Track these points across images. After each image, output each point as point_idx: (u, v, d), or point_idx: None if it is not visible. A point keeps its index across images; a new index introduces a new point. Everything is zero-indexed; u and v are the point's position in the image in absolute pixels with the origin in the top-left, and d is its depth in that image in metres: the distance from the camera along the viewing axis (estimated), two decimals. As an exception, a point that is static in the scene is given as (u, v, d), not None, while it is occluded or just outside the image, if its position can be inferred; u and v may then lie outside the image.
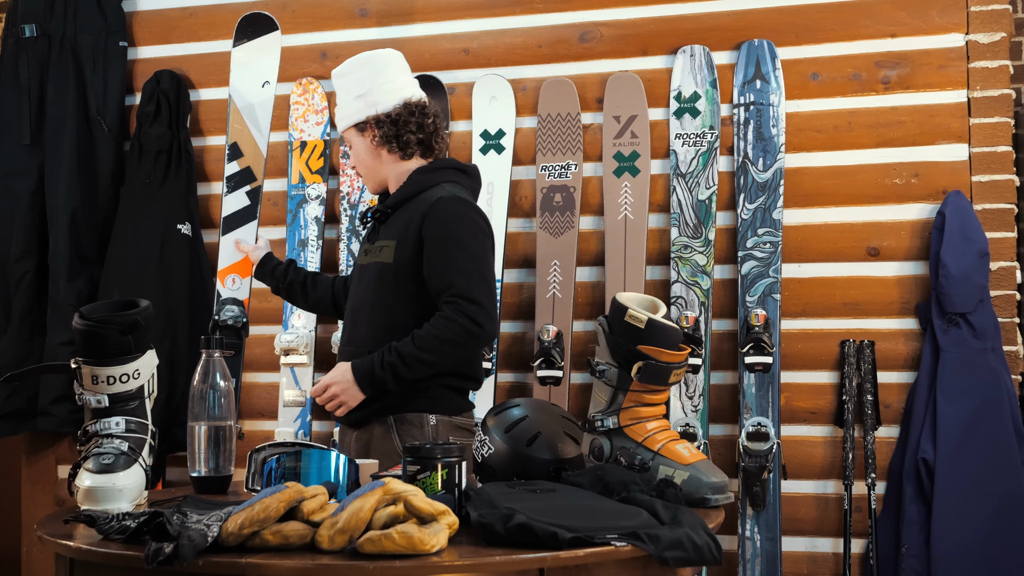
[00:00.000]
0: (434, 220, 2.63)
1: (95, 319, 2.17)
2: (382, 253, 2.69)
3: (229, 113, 3.81)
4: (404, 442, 2.64)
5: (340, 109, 2.82)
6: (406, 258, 2.65)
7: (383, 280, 2.68)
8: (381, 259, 2.69)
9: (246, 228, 3.73)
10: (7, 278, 3.87)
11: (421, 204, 2.68)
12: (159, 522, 1.76)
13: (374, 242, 2.75)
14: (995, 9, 3.33)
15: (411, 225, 2.66)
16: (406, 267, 2.65)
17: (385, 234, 2.72)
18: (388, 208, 2.74)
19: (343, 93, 2.82)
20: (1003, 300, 3.28)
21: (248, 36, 3.81)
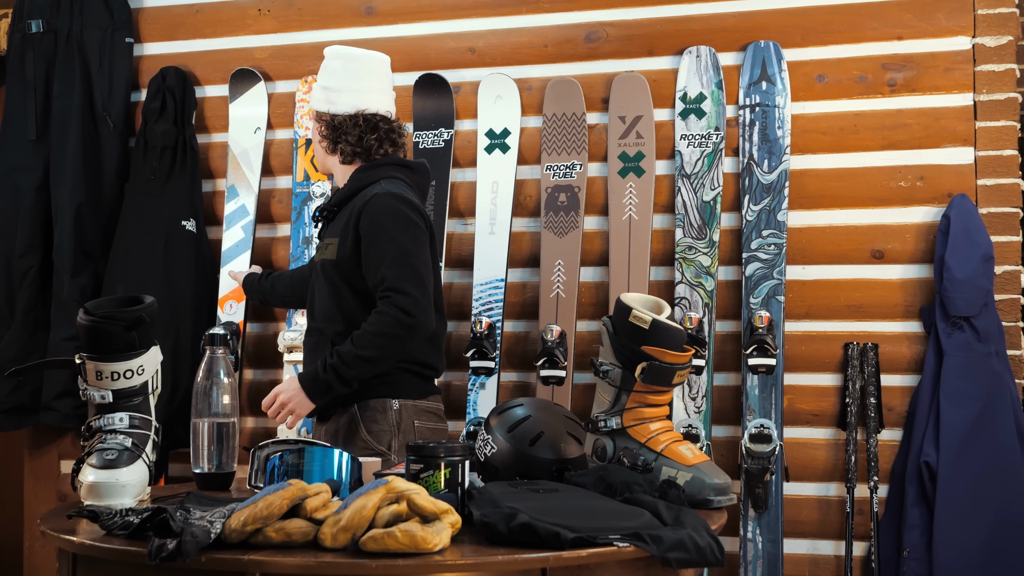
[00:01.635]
0: (367, 217, 2.73)
1: (99, 315, 2.18)
2: (327, 250, 2.81)
3: (228, 159, 3.86)
4: (369, 429, 2.70)
5: (314, 88, 2.99)
6: (346, 255, 2.75)
7: (328, 276, 2.79)
8: (326, 256, 2.80)
9: (240, 259, 3.77)
10: (11, 273, 3.87)
11: (358, 202, 2.78)
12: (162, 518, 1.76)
13: (322, 239, 2.88)
14: (1002, 12, 3.32)
15: (349, 223, 2.76)
16: (347, 263, 2.75)
17: (330, 232, 2.85)
18: (333, 207, 2.86)
19: (320, 75, 2.98)
20: (1007, 304, 3.28)
21: (240, 91, 3.88)
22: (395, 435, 2.75)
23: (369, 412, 2.74)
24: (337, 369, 2.66)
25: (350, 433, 2.74)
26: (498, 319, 3.52)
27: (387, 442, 2.74)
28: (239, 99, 3.89)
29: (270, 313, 3.85)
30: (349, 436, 2.73)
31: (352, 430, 2.74)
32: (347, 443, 2.70)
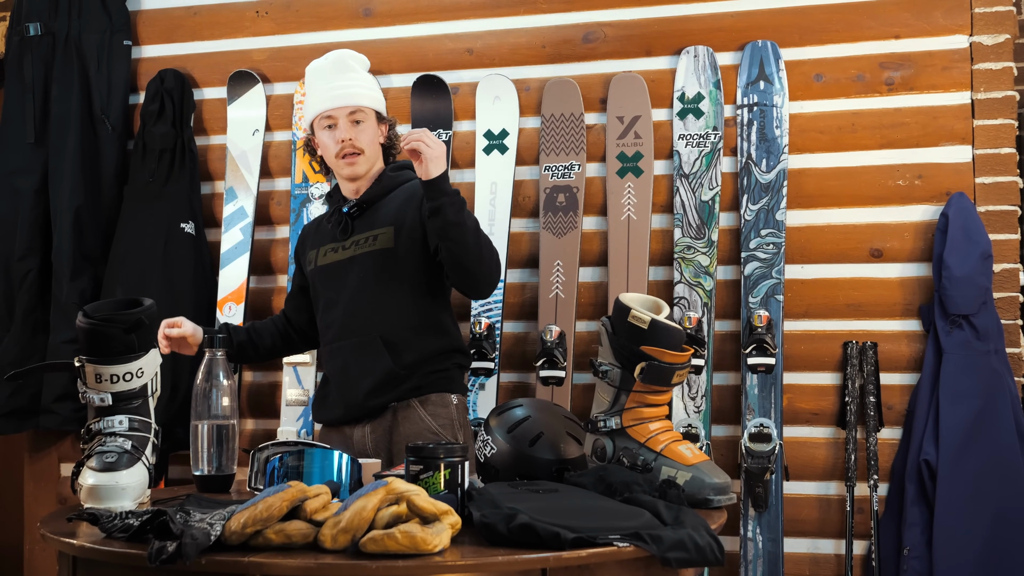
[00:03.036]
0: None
1: (99, 318, 2.18)
2: (377, 241, 2.78)
3: (227, 161, 3.86)
4: (436, 420, 2.70)
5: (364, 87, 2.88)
6: (408, 235, 2.75)
7: (386, 265, 2.76)
8: (378, 247, 2.77)
9: (239, 260, 3.77)
10: (10, 276, 3.87)
11: (409, 190, 2.81)
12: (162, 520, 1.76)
13: (351, 236, 2.83)
14: (999, 11, 3.32)
15: (407, 207, 2.77)
16: (410, 243, 2.75)
17: (369, 226, 2.81)
18: (365, 204, 2.84)
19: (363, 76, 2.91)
20: (1006, 302, 3.28)
21: (238, 93, 3.88)
22: (458, 429, 2.77)
23: (431, 406, 2.74)
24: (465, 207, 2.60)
25: (412, 425, 2.72)
26: (497, 320, 3.53)
27: (452, 435, 2.75)
28: (237, 101, 3.89)
29: (270, 315, 3.83)
30: (411, 428, 2.72)
31: (414, 423, 2.72)
32: (411, 435, 2.69)
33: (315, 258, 2.91)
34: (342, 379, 2.80)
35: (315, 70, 2.92)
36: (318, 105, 2.86)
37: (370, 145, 2.85)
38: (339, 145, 2.81)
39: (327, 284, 2.86)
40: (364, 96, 2.86)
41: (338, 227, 2.86)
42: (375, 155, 2.88)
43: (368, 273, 2.77)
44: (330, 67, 2.89)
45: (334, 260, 2.85)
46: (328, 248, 2.88)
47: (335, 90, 2.84)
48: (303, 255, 2.98)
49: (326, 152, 2.88)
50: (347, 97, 2.83)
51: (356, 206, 2.84)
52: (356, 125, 2.83)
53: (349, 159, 2.82)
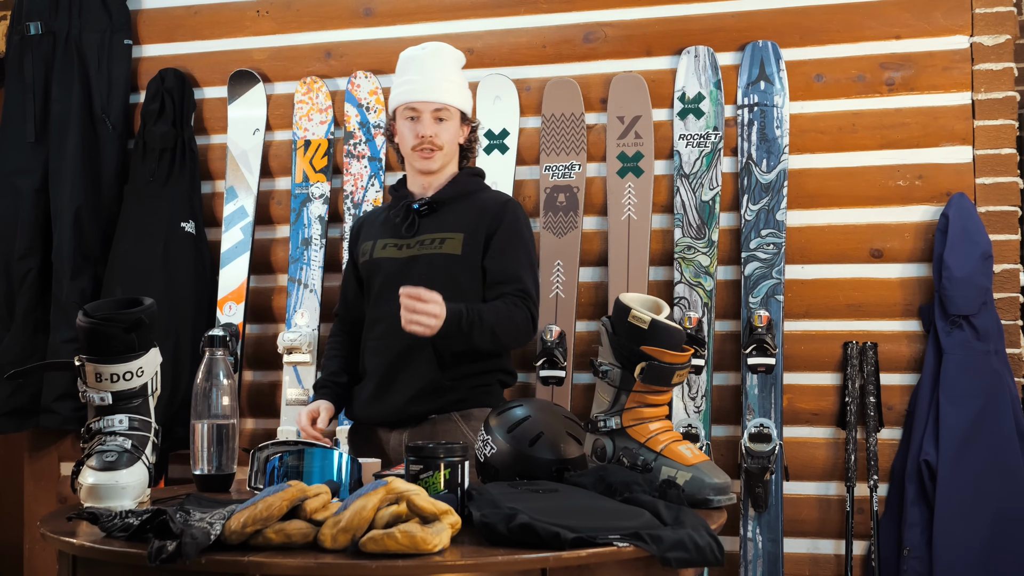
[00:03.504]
0: (507, 218, 2.75)
1: (99, 317, 2.18)
2: (444, 245, 2.73)
3: (227, 161, 3.86)
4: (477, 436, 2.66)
5: (454, 84, 2.82)
6: (475, 250, 2.72)
7: (450, 272, 2.71)
8: (444, 251, 2.72)
9: (240, 260, 3.76)
10: (11, 276, 3.88)
11: (483, 203, 2.78)
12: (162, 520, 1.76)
13: (415, 235, 2.76)
14: (1000, 11, 3.32)
15: (479, 220, 2.73)
16: (474, 258, 2.71)
17: (437, 227, 2.75)
18: (435, 203, 2.78)
19: (456, 73, 2.86)
20: (1006, 302, 3.28)
21: (239, 92, 3.88)
22: None
23: (474, 422, 2.67)
24: (473, 328, 2.58)
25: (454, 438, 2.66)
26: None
27: None
28: (238, 100, 3.89)
29: (269, 315, 3.85)
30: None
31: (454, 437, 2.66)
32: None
33: (371, 249, 2.82)
34: (385, 380, 2.73)
35: (408, 59, 2.85)
36: (404, 95, 2.79)
37: (449, 144, 2.79)
38: (418, 139, 2.75)
39: (382, 278, 2.77)
40: (452, 94, 2.79)
41: (404, 222, 2.79)
42: (452, 153, 2.82)
43: (430, 275, 2.69)
44: (424, 58, 2.82)
45: (395, 256, 2.77)
46: (389, 242, 2.80)
47: (424, 83, 2.78)
48: (357, 246, 2.90)
49: (403, 142, 2.81)
50: (435, 92, 2.77)
51: (427, 204, 2.78)
52: (439, 123, 2.77)
53: (425, 153, 2.76)
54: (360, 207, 3.71)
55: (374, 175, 3.73)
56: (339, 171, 3.81)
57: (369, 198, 3.71)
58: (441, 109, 2.77)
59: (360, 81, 3.76)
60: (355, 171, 3.75)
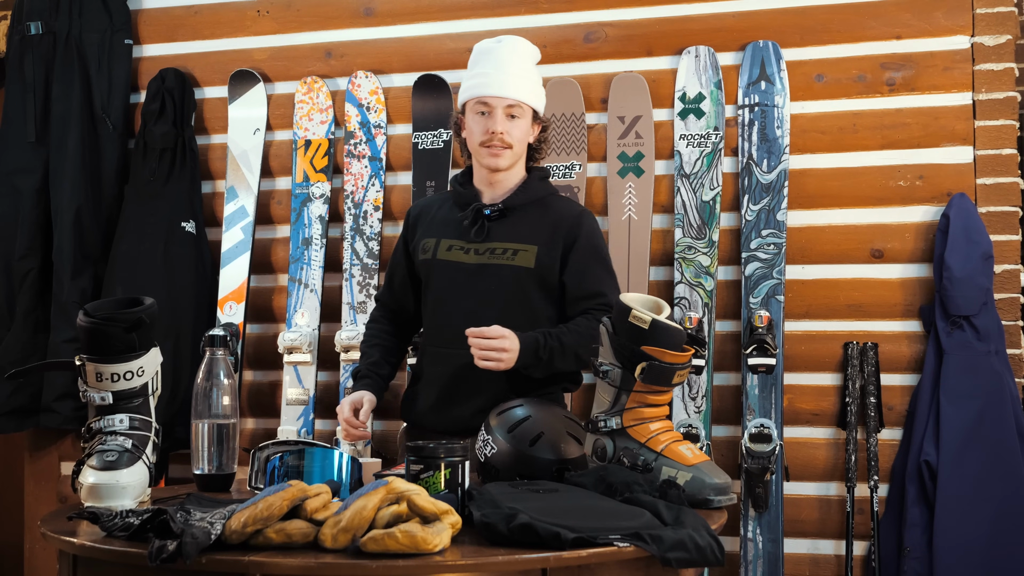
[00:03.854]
0: (584, 232, 2.67)
1: (100, 316, 2.18)
2: (517, 257, 2.63)
3: (227, 161, 3.86)
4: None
5: (529, 81, 2.72)
6: (549, 264, 2.63)
7: (521, 285, 2.63)
8: (517, 262, 2.63)
9: (240, 260, 3.76)
10: (11, 275, 3.87)
11: (557, 214, 2.69)
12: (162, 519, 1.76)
13: (484, 240, 2.66)
14: (1001, 11, 3.32)
15: (555, 234, 2.65)
16: (548, 272, 2.63)
17: (510, 236, 2.66)
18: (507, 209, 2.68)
19: (532, 70, 2.76)
20: (1007, 303, 3.28)
21: (239, 92, 3.87)
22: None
23: None
24: (553, 355, 2.52)
25: None
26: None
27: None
28: (238, 100, 3.89)
29: (270, 315, 3.85)
30: None
31: None
32: None
33: (433, 248, 2.72)
34: (448, 390, 2.65)
35: (483, 51, 2.76)
36: (476, 89, 2.70)
37: (520, 142, 2.68)
38: (488, 136, 2.65)
39: (448, 283, 2.68)
40: (526, 91, 2.69)
41: (472, 226, 2.68)
42: (521, 152, 2.71)
43: (500, 286, 2.62)
44: (499, 51, 2.72)
45: (462, 260, 2.67)
46: (456, 244, 2.69)
47: (498, 77, 2.68)
48: (413, 238, 2.79)
49: (471, 137, 2.70)
50: (509, 88, 2.67)
51: (499, 211, 2.67)
52: (511, 119, 2.66)
53: (494, 150, 2.66)
54: (360, 207, 3.71)
55: (374, 175, 3.73)
56: (339, 171, 3.81)
57: (370, 198, 3.71)
58: (514, 106, 2.66)
59: (360, 81, 3.76)
60: (355, 171, 3.75)
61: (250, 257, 3.78)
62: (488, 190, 2.72)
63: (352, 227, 3.71)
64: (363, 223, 3.70)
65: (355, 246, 3.70)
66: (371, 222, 3.70)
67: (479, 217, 2.68)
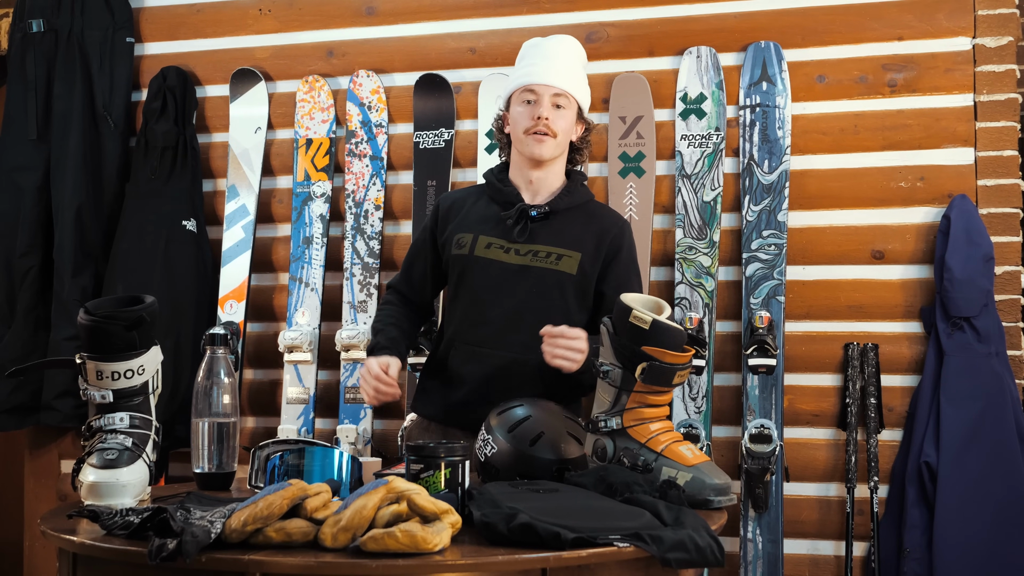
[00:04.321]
0: (626, 244, 2.69)
1: (100, 315, 2.18)
2: (561, 263, 2.62)
3: (229, 159, 3.86)
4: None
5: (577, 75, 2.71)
6: (590, 272, 2.63)
7: (562, 290, 2.61)
8: (560, 268, 2.61)
9: (241, 259, 3.76)
10: (12, 273, 3.88)
11: (600, 223, 2.68)
12: (162, 518, 1.76)
13: (524, 240, 2.64)
14: (1003, 13, 3.32)
15: (598, 241, 2.64)
16: (588, 281, 2.63)
17: (554, 240, 2.64)
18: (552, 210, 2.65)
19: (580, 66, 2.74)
20: (1008, 304, 3.28)
21: (241, 90, 3.87)
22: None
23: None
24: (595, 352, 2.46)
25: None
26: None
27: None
28: (240, 99, 3.89)
29: (270, 313, 3.85)
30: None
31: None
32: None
33: (470, 244, 2.67)
34: (482, 389, 2.60)
35: (532, 45, 2.75)
36: (524, 77, 2.67)
37: (564, 132, 2.65)
38: (533, 121, 2.61)
39: (488, 281, 2.64)
40: (573, 83, 2.67)
41: (515, 226, 2.64)
42: (563, 146, 2.67)
43: (542, 290, 2.61)
44: (548, 45, 2.73)
45: (502, 259, 2.63)
46: (495, 242, 2.65)
47: (546, 66, 2.66)
48: (444, 230, 2.74)
49: (515, 126, 2.66)
50: (557, 77, 2.65)
51: (544, 214, 2.64)
52: (557, 109, 2.63)
53: (538, 137, 2.62)
54: (361, 206, 3.71)
55: (375, 174, 3.73)
56: (341, 170, 3.81)
57: (371, 197, 3.71)
58: (560, 95, 2.64)
59: (362, 80, 3.76)
60: (357, 170, 3.75)
61: (251, 256, 3.79)
62: (527, 188, 2.70)
63: (353, 226, 3.71)
64: (364, 222, 3.70)
65: (356, 245, 3.70)
66: (372, 221, 3.70)
67: (523, 217, 2.65)
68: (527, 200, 2.69)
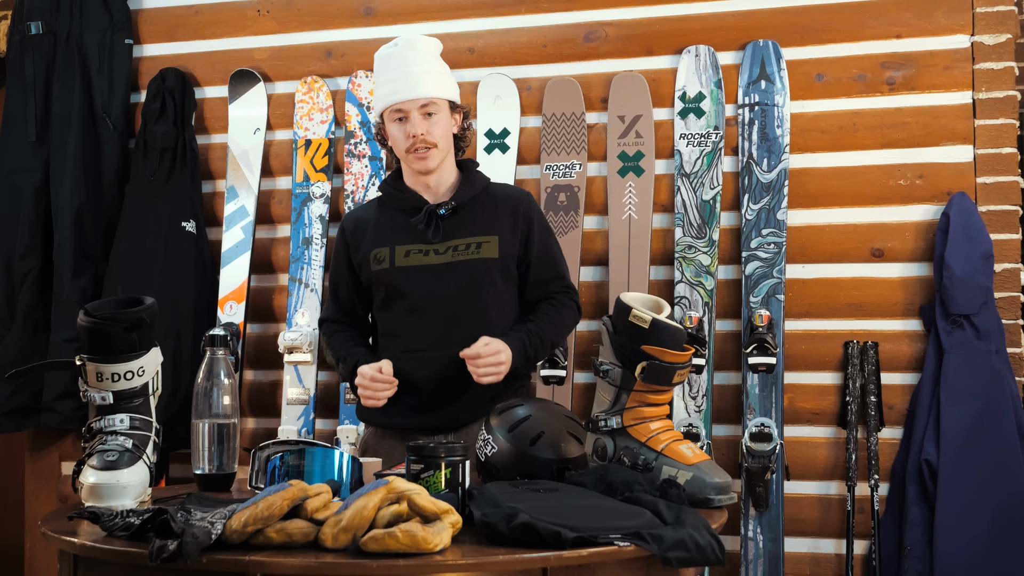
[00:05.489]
0: (536, 215, 2.74)
1: (100, 316, 2.18)
2: (482, 249, 2.66)
3: (228, 160, 3.86)
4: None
5: (436, 75, 2.69)
6: (510, 252, 2.68)
7: (491, 276, 2.66)
8: (483, 255, 2.65)
9: (240, 260, 3.77)
10: (12, 275, 3.88)
11: (505, 201, 2.73)
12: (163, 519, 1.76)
13: (444, 239, 2.66)
14: (1001, 10, 3.32)
15: (511, 219, 2.70)
16: (510, 261, 2.69)
17: (468, 231, 2.67)
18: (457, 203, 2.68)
19: (435, 62, 2.72)
20: (1007, 302, 3.28)
21: (239, 92, 3.88)
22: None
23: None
24: (536, 351, 2.63)
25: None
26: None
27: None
28: (239, 100, 3.89)
29: (270, 314, 3.85)
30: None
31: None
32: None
33: (389, 256, 2.69)
34: (437, 391, 2.62)
35: (384, 57, 2.73)
36: (387, 97, 2.67)
37: (443, 138, 2.67)
38: (410, 140, 2.64)
39: (418, 287, 2.65)
40: (436, 86, 2.66)
41: (428, 228, 2.67)
42: (448, 147, 2.70)
43: (471, 281, 2.64)
44: (399, 54, 2.69)
45: (424, 263, 2.66)
46: (414, 248, 2.67)
47: (405, 80, 2.65)
48: (357, 250, 2.74)
49: (396, 145, 2.70)
50: (418, 88, 2.64)
51: (452, 209, 2.66)
52: (428, 118, 2.65)
53: (420, 154, 2.65)
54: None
55: (375, 174, 3.73)
56: (340, 170, 3.81)
57: (370, 197, 3.71)
58: (428, 104, 2.64)
59: (361, 80, 3.76)
60: (356, 170, 3.75)
61: (250, 257, 3.79)
62: (425, 190, 2.72)
63: (352, 227, 3.71)
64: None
65: (355, 246, 3.70)
66: (371, 222, 3.70)
67: (433, 217, 2.68)
68: (430, 200, 2.71)
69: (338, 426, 3.62)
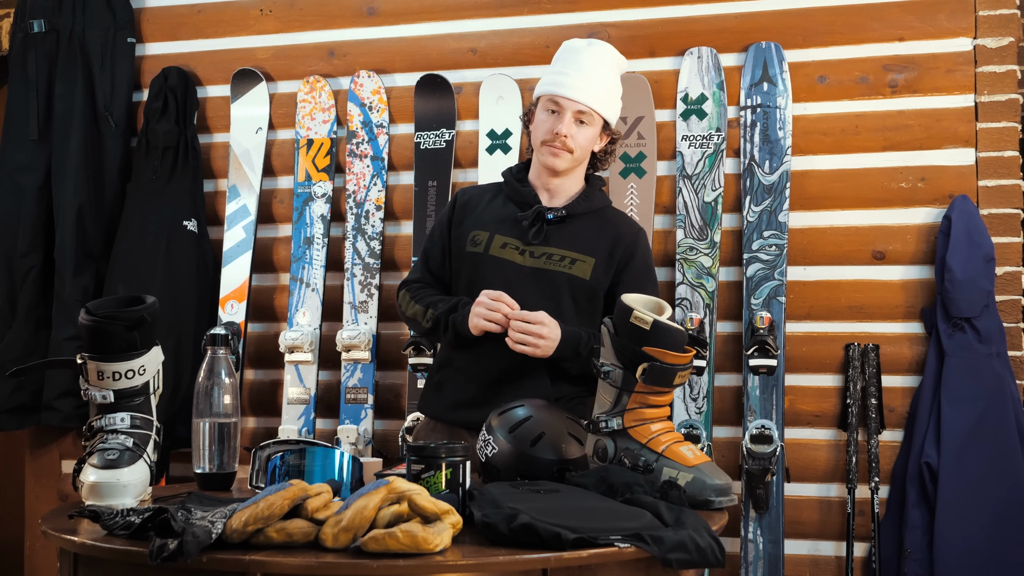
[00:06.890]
0: (640, 252, 2.68)
1: (101, 315, 2.18)
2: (575, 267, 2.62)
3: (230, 159, 3.86)
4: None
5: (606, 89, 2.66)
6: (601, 278, 2.63)
7: (574, 295, 2.62)
8: (574, 272, 2.62)
9: (242, 259, 3.77)
10: (13, 273, 3.88)
11: (616, 229, 2.68)
12: (163, 518, 1.76)
13: (539, 243, 2.64)
14: (1003, 14, 3.32)
15: (612, 247, 2.65)
16: (599, 288, 2.63)
17: (568, 244, 2.64)
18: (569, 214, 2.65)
19: (613, 79, 2.69)
20: (1008, 305, 3.28)
21: (242, 91, 3.87)
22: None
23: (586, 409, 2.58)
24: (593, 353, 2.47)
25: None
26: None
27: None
28: (241, 99, 3.89)
29: (271, 314, 3.85)
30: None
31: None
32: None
33: (485, 242, 2.66)
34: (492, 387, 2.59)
35: (569, 49, 2.70)
36: (552, 86, 2.64)
37: (582, 148, 2.64)
38: (551, 136, 2.60)
39: (499, 281, 2.60)
40: (600, 100, 2.63)
41: (531, 227, 2.64)
42: (582, 159, 2.67)
43: (552, 293, 2.60)
44: (584, 54, 2.66)
45: (515, 260, 2.63)
46: (510, 242, 2.65)
47: (576, 80, 2.62)
48: (460, 223, 2.72)
49: (536, 132, 2.66)
50: (583, 93, 2.61)
51: (561, 218, 2.64)
52: (578, 124, 2.62)
53: (554, 150, 2.62)
54: (362, 206, 3.71)
55: (376, 174, 3.73)
56: (341, 170, 3.81)
57: (372, 197, 3.71)
58: (584, 112, 2.61)
59: (363, 80, 3.76)
60: (357, 170, 3.75)
61: (252, 256, 3.79)
62: (545, 191, 2.70)
63: (354, 226, 3.71)
64: (365, 222, 3.70)
65: (357, 245, 3.70)
66: (373, 221, 3.70)
67: (539, 219, 2.65)
68: (544, 202, 2.68)
69: (339, 426, 3.62)
